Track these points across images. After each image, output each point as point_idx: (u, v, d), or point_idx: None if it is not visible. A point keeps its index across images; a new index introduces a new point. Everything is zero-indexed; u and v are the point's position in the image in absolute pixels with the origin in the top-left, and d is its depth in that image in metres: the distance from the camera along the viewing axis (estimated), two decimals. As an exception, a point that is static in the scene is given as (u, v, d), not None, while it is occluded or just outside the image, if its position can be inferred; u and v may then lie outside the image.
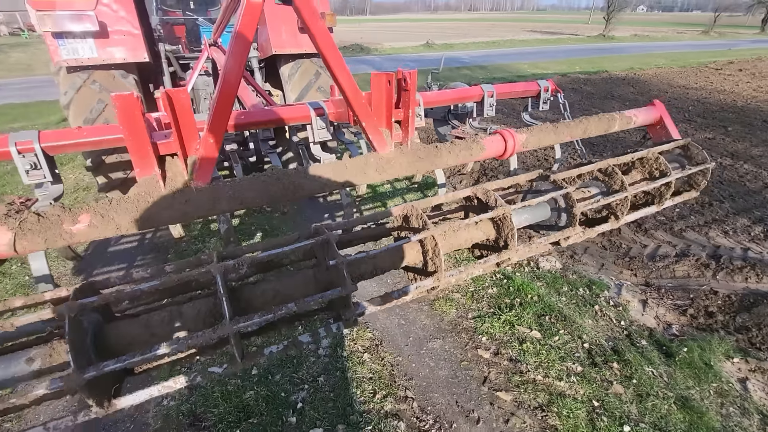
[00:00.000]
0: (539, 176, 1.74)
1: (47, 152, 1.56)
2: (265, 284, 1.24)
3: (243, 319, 1.05)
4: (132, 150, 1.14)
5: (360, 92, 1.38)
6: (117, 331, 1.07)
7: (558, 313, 3.01)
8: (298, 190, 1.37)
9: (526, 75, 15.35)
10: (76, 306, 0.95)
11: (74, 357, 0.90)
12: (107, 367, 0.92)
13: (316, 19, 1.16)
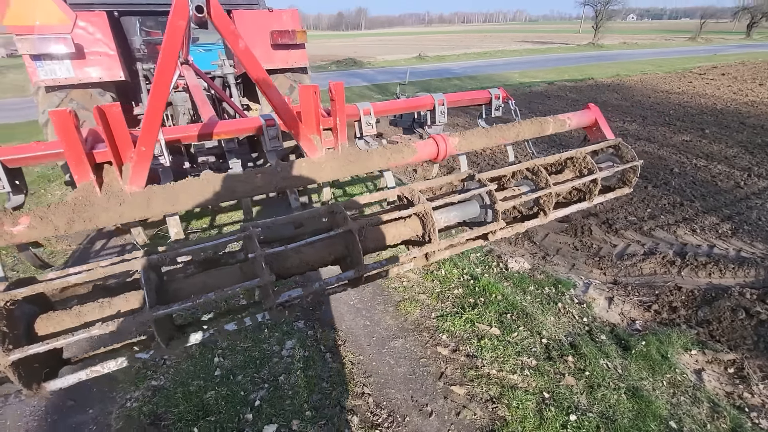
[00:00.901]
0: (468, 176, 1.87)
1: (6, 164, 1.69)
2: (194, 278, 1.35)
3: (163, 307, 1.16)
4: (69, 158, 1.26)
5: (287, 104, 1.51)
6: (49, 320, 1.18)
7: (520, 311, 3.11)
8: (232, 193, 1.50)
9: (514, 84, 15.63)
10: (6, 297, 1.06)
11: (1, 341, 1.01)
12: (31, 349, 1.03)
13: (236, 38, 1.30)
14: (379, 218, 1.57)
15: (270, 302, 1.31)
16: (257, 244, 1.30)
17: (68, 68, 3.36)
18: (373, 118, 2.47)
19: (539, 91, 13.48)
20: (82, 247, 4.27)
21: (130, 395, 2.46)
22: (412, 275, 3.58)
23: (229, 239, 1.34)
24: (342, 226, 1.46)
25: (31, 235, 1.25)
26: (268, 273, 1.28)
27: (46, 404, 2.47)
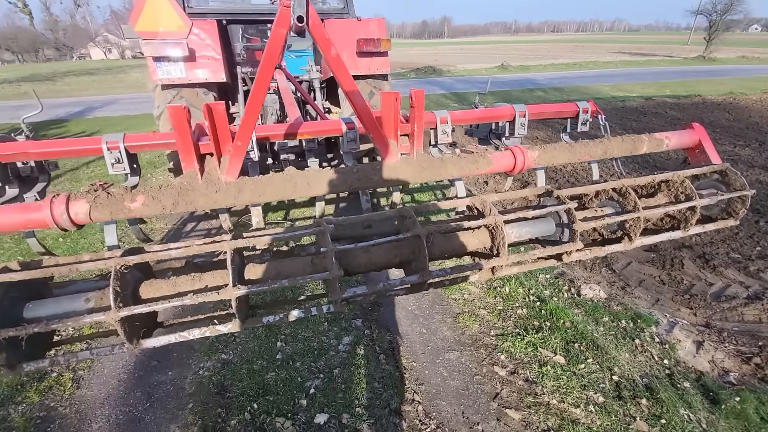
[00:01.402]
0: (545, 192, 1.78)
1: (128, 150, 1.98)
2: (269, 264, 1.46)
3: (242, 287, 1.28)
4: (179, 148, 1.45)
5: (368, 109, 1.58)
6: (151, 286, 1.36)
7: (590, 341, 2.88)
8: (311, 189, 1.60)
9: (605, 98, 14.53)
10: (121, 262, 1.25)
11: (114, 299, 1.19)
12: (137, 309, 1.20)
13: (329, 46, 1.39)
14: (448, 226, 1.56)
15: (336, 296, 1.38)
16: (329, 240, 1.38)
17: (181, 69, 3.82)
18: (449, 127, 2.47)
19: (634, 106, 12.37)
20: (175, 227, 4.82)
21: (203, 364, 2.71)
22: (474, 288, 3.49)
23: (303, 232, 1.44)
24: (411, 231, 1.48)
25: (144, 211, 1.45)
26: (337, 268, 1.34)
27: (134, 361, 2.83)
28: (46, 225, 1.39)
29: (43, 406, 2.49)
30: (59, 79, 27.29)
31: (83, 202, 1.40)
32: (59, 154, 1.92)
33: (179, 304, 1.25)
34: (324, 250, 1.35)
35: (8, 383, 2.67)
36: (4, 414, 2.45)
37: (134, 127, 12.74)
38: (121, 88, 23.59)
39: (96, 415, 2.41)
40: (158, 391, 2.55)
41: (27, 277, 1.22)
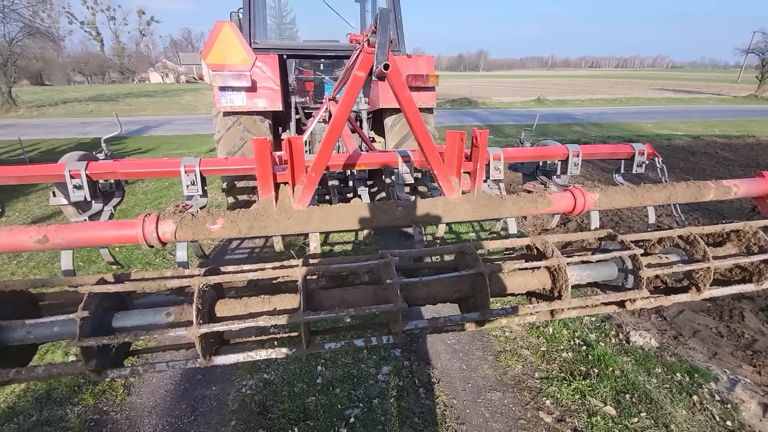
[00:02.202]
0: (607, 235, 1.76)
1: (203, 174, 2.14)
2: (334, 291, 1.52)
3: (312, 313, 1.33)
4: (259, 177, 1.56)
5: (434, 145, 1.65)
6: (225, 305, 1.43)
7: (643, 393, 2.71)
8: (374, 221, 1.66)
9: (648, 135, 14.15)
10: (204, 281, 1.34)
11: (196, 315, 1.27)
12: (216, 326, 1.27)
13: (404, 89, 1.48)
14: (509, 265, 1.57)
15: (398, 327, 1.40)
16: (394, 272, 1.42)
17: (243, 98, 4.10)
18: (501, 164, 2.51)
19: (680, 145, 11.95)
20: (220, 245, 5.03)
21: (245, 382, 2.77)
22: (516, 327, 3.40)
23: (369, 263, 1.49)
24: (472, 267, 1.50)
25: (222, 233, 1.56)
26: (402, 300, 1.38)
27: (181, 373, 2.92)
28: (137, 241, 1.51)
29: (96, 410, 2.60)
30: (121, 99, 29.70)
31: (170, 222, 1.52)
32: (142, 174, 2.10)
33: (253, 325, 1.31)
34: (390, 282, 1.39)
35: (67, 384, 2.82)
36: (62, 414, 2.58)
37: (186, 146, 13.59)
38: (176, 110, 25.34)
39: (144, 423, 2.50)
40: (202, 405, 2.61)
41: (121, 289, 1.33)
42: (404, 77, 4.28)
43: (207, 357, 1.34)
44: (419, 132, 1.57)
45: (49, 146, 13.88)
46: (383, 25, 1.34)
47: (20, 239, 1.46)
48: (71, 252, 1.82)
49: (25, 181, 2.09)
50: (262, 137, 4.25)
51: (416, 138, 1.60)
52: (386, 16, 1.34)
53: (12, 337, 1.33)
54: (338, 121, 1.52)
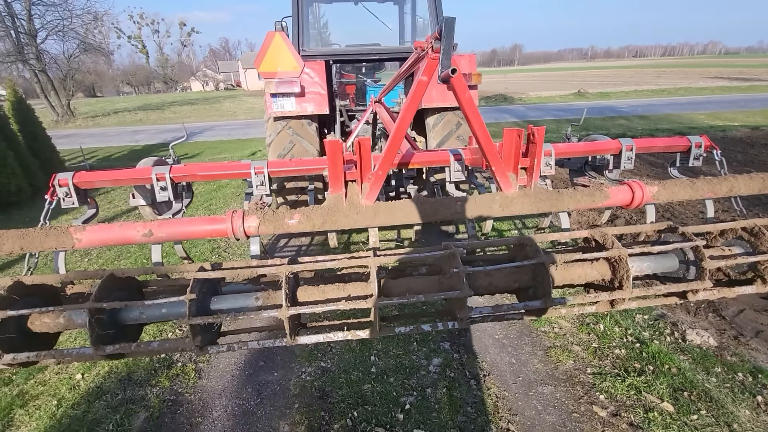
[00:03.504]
0: (668, 228, 1.77)
1: (271, 175, 2.32)
2: (401, 280, 1.64)
3: (385, 298, 1.46)
4: (330, 175, 1.71)
5: (492, 142, 1.73)
6: (305, 291, 1.59)
7: (702, 392, 2.65)
8: (435, 214, 1.77)
9: (701, 127, 13.36)
10: (289, 269, 1.50)
11: (285, 299, 1.43)
12: (302, 308, 1.43)
13: (465, 91, 1.58)
14: (568, 256, 1.63)
15: (464, 313, 1.50)
16: (460, 261, 1.52)
17: (292, 103, 4.33)
18: (552, 159, 2.53)
19: (737, 136, 11.20)
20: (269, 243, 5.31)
21: (304, 369, 2.96)
22: (565, 323, 3.39)
23: (435, 254, 1.60)
24: (533, 258, 1.57)
25: (299, 227, 1.72)
26: (468, 287, 1.48)
27: (244, 360, 3.16)
28: (226, 234, 1.70)
29: (172, 391, 2.87)
30: (167, 108, 31.48)
31: (254, 218, 1.70)
32: (218, 176, 2.31)
33: (334, 309, 1.46)
34: (456, 271, 1.49)
35: (144, 367, 3.12)
36: (143, 394, 2.87)
37: (228, 151, 14.26)
38: (216, 116, 26.54)
39: (215, 405, 2.73)
40: (266, 389, 2.82)
41: (218, 275, 1.51)
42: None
43: (293, 336, 1.49)
44: (479, 130, 1.66)
45: (105, 154, 15.00)
46: (448, 31, 1.44)
47: (129, 233, 1.69)
48: (160, 246, 2.05)
49: (117, 184, 2.36)
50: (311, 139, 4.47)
51: (476, 136, 1.69)
52: (451, 23, 1.44)
53: (128, 317, 1.55)
54: (404, 121, 1.64)
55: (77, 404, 2.83)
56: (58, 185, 2.20)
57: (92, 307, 1.39)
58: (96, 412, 2.73)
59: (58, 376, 3.17)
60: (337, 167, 1.69)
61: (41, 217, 2.15)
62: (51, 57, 26.96)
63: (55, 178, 2.21)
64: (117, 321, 1.53)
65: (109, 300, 1.46)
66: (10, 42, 24.05)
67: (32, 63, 25.11)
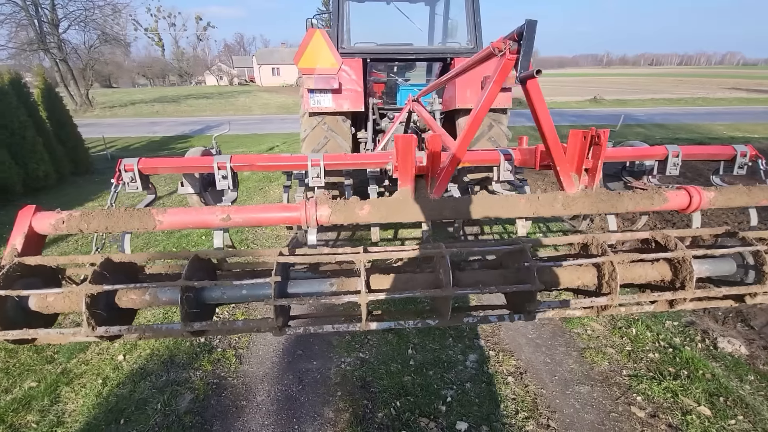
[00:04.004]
0: (726, 232, 1.81)
1: (326, 168, 2.39)
2: (470, 272, 1.70)
3: (455, 288, 1.52)
4: (400, 169, 1.77)
5: (560, 143, 1.78)
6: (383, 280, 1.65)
7: (737, 398, 2.68)
8: (498, 211, 1.83)
9: (720, 138, 13.25)
10: (366, 257, 1.57)
11: (363, 285, 1.50)
12: (380, 294, 1.49)
13: (539, 93, 1.64)
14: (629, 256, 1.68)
15: (533, 307, 1.56)
16: (530, 256, 1.58)
17: (329, 100, 4.40)
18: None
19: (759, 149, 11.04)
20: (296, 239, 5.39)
21: (343, 359, 3.03)
22: (597, 325, 3.43)
23: (504, 248, 1.66)
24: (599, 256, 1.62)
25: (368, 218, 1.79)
26: (538, 282, 1.53)
27: (282, 347, 3.24)
28: (299, 222, 1.78)
29: (215, 375, 2.96)
30: (183, 101, 31.77)
31: (326, 207, 1.77)
32: (276, 167, 2.40)
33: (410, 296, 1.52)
34: (527, 265, 1.55)
35: (185, 351, 3.22)
36: (187, 376, 2.96)
37: (245, 145, 14.42)
38: (232, 111, 26.77)
39: (258, 389, 2.82)
40: (307, 377, 2.90)
41: (300, 261, 1.59)
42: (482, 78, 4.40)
43: (366, 321, 1.56)
44: (548, 131, 1.71)
45: (124, 143, 15.25)
46: (530, 33, 1.50)
47: (208, 217, 1.77)
48: (222, 232, 2.13)
49: (179, 171, 2.44)
50: (344, 136, 4.54)
51: (544, 137, 1.74)
52: (533, 25, 1.50)
53: (210, 297, 1.63)
54: (476, 120, 1.70)
55: (122, 384, 2.92)
56: (124, 170, 2.28)
57: (184, 285, 1.47)
58: (142, 391, 2.83)
59: (99, 357, 3.27)
60: (408, 162, 1.75)
61: (108, 201, 2.24)
62: (72, 47, 27.41)
63: (121, 163, 2.29)
64: (199, 300, 1.60)
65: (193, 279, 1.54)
66: (33, 31, 24.51)
67: (54, 52, 25.56)
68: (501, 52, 1.59)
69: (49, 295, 1.56)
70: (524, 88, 1.64)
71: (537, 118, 1.71)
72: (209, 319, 1.74)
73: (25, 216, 1.69)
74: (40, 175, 8.19)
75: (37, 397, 2.82)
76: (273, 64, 65.30)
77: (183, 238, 5.51)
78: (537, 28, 1.50)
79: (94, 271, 1.52)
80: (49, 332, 1.49)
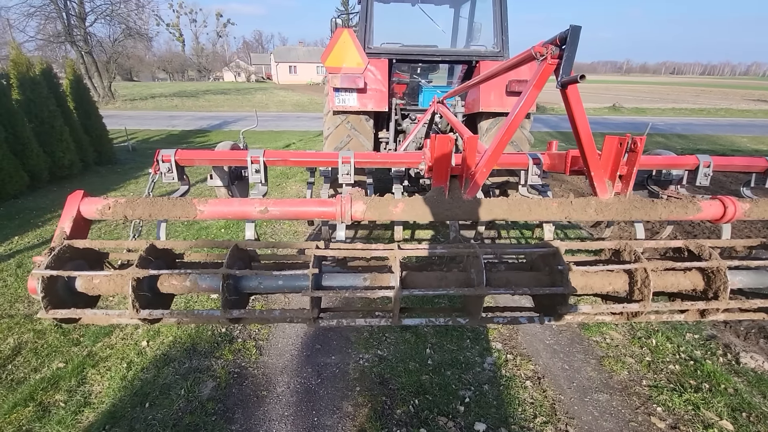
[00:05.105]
0: (761, 245, 1.80)
1: (356, 165, 2.43)
2: (501, 273, 1.71)
3: (489, 288, 1.54)
4: (436, 168, 1.80)
5: (596, 149, 1.79)
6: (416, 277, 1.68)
7: (760, 414, 2.64)
8: (531, 214, 1.84)
9: (744, 150, 12.98)
10: (401, 254, 1.60)
11: (398, 281, 1.53)
12: (415, 291, 1.52)
13: (578, 97, 1.65)
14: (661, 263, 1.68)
15: (564, 309, 1.57)
16: (563, 259, 1.59)
17: (354, 99, 4.46)
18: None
19: (784, 163, 10.79)
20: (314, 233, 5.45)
21: (361, 356, 3.06)
22: (616, 334, 3.40)
23: (538, 250, 1.67)
24: (633, 263, 1.63)
25: (402, 215, 1.82)
26: (570, 285, 1.54)
27: (300, 341, 3.29)
28: (334, 217, 1.82)
29: (236, 364, 3.02)
30: (201, 96, 32.25)
31: (361, 203, 1.81)
32: (307, 163, 2.45)
33: (444, 293, 1.55)
34: (561, 268, 1.56)
35: (207, 340, 3.29)
36: (209, 364, 3.02)
37: (261, 141, 14.58)
38: (249, 107, 27.05)
39: (278, 381, 2.87)
40: (326, 371, 2.94)
41: (336, 254, 1.63)
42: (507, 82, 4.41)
43: (399, 318, 1.59)
44: (585, 136, 1.72)
45: (145, 136, 15.55)
46: (573, 38, 1.51)
47: (247, 209, 1.82)
48: (254, 224, 2.19)
49: (215, 164, 2.50)
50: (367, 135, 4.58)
51: (580, 142, 1.75)
52: (577, 31, 1.51)
53: (248, 286, 1.67)
54: (514, 123, 1.72)
55: (146, 368, 3.00)
56: (162, 161, 2.35)
57: (225, 272, 1.52)
58: (166, 377, 2.90)
59: (124, 342, 3.36)
60: (444, 161, 1.78)
61: (146, 190, 2.31)
62: (97, 40, 28.07)
63: (159, 153, 2.36)
64: (237, 288, 1.65)
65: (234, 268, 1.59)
66: (60, 23, 25.17)
67: (80, 45, 26.21)
68: (542, 57, 1.61)
69: (95, 277, 1.62)
70: (563, 93, 1.65)
71: (574, 123, 1.72)
72: (244, 308, 1.79)
73: (74, 201, 1.76)
74: (66, 163, 8.42)
75: (65, 378, 2.91)
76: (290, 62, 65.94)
77: (202, 230, 5.63)
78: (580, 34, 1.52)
79: (140, 256, 1.58)
80: (96, 312, 1.55)
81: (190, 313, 1.58)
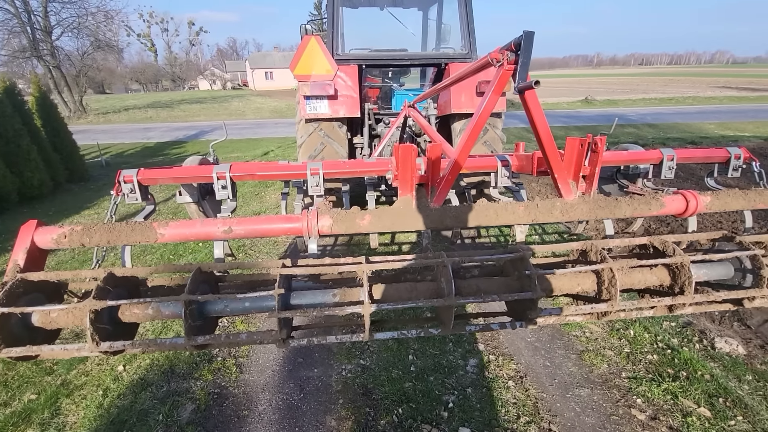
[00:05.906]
0: (723, 237, 1.84)
1: (325, 176, 2.40)
2: (472, 280, 1.71)
3: (458, 298, 1.53)
4: (401, 178, 1.79)
5: (557, 150, 1.81)
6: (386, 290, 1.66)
7: (736, 398, 2.71)
8: (498, 219, 1.84)
9: (712, 137, 13.41)
10: (369, 267, 1.57)
11: (367, 296, 1.50)
12: (384, 305, 1.50)
13: (536, 101, 1.66)
14: (628, 262, 1.70)
15: (534, 314, 1.57)
16: (531, 264, 1.59)
17: (325, 106, 4.42)
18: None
19: (749, 147, 11.19)
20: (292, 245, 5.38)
21: (344, 366, 3.03)
22: (595, 328, 3.45)
23: (505, 255, 1.67)
24: (599, 263, 1.64)
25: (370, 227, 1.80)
26: (540, 289, 1.55)
27: (282, 355, 3.23)
28: (301, 233, 1.78)
29: (216, 384, 2.95)
30: (176, 106, 31.63)
31: (328, 218, 1.78)
32: (275, 176, 2.40)
33: (413, 306, 1.53)
34: (528, 273, 1.56)
35: (185, 361, 3.20)
36: (187, 386, 2.94)
37: (240, 149, 14.38)
38: (225, 115, 26.68)
39: (260, 399, 2.81)
40: (308, 384, 2.89)
41: (303, 272, 1.59)
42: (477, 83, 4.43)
43: (370, 333, 1.57)
44: (546, 139, 1.73)
45: (119, 150, 15.17)
46: (527, 44, 1.52)
47: (210, 230, 1.77)
48: (222, 243, 2.13)
49: (179, 181, 2.44)
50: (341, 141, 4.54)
51: (541, 144, 1.76)
52: (530, 36, 1.52)
53: (213, 310, 1.63)
54: (476, 128, 1.72)
55: (123, 395, 2.91)
56: (123, 181, 2.27)
57: (187, 299, 1.47)
58: (143, 402, 2.81)
59: (99, 367, 3.25)
60: (408, 171, 1.77)
61: (108, 213, 2.23)
62: (65, 53, 27.25)
63: (121, 174, 2.28)
64: (202, 313, 1.60)
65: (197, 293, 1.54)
66: (25, 38, 24.34)
67: (47, 59, 25.40)
68: (499, 63, 1.61)
69: (52, 311, 1.55)
70: (522, 98, 1.65)
71: (535, 128, 1.73)
72: (212, 331, 1.74)
73: (27, 231, 1.68)
74: (35, 183, 8.13)
75: (37, 410, 2.79)
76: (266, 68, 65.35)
77: (180, 245, 5.49)
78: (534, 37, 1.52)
79: (97, 286, 1.51)
80: (53, 348, 1.48)
81: (152, 342, 1.52)
